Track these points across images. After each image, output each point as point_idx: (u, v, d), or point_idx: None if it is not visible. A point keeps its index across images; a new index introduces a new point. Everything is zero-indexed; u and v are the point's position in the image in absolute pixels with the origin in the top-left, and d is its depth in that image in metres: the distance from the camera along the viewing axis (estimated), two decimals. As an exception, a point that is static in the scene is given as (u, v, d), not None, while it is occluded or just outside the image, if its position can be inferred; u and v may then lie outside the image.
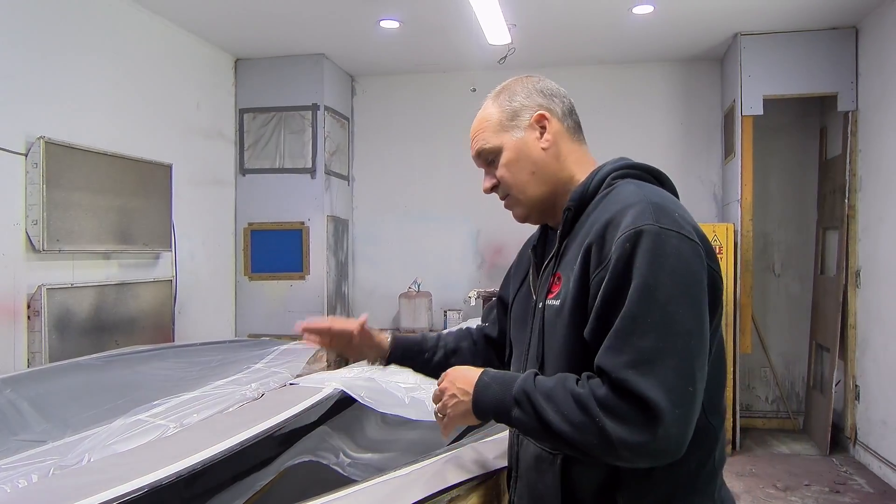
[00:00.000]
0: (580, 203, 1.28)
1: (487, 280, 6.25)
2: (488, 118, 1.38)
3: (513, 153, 1.35)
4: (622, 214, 1.15)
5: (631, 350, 1.06)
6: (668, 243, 1.10)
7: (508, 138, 1.36)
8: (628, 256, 1.10)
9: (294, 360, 3.14)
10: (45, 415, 2.30)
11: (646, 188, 1.23)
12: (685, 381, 1.05)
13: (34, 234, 3.66)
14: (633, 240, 1.11)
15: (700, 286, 1.11)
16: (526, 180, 1.35)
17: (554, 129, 1.34)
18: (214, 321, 5.56)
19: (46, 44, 3.85)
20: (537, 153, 1.34)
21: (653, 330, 1.06)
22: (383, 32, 5.21)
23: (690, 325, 1.07)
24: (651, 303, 1.07)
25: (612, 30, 5.19)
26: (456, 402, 1.27)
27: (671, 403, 1.03)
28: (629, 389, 1.04)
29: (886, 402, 4.53)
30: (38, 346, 3.66)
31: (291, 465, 2.13)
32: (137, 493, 1.54)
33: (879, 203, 4.66)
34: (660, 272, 1.08)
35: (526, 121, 1.35)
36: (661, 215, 1.13)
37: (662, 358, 1.05)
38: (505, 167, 1.36)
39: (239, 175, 5.89)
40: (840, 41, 5.08)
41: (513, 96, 1.37)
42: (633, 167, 1.30)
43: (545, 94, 1.37)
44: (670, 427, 1.03)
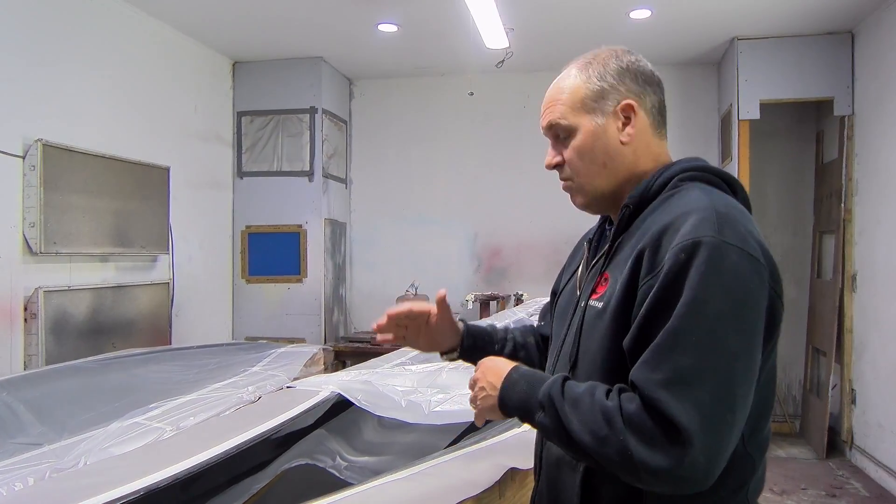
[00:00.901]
0: (640, 202, 1.19)
1: (485, 283, 6.26)
2: (570, 89, 1.24)
3: (588, 139, 1.22)
4: (682, 221, 1.06)
5: (668, 368, 0.99)
6: (727, 258, 1.01)
7: (588, 121, 1.23)
8: (681, 268, 1.02)
9: (291, 363, 3.14)
10: (42, 418, 2.29)
11: (714, 195, 1.13)
12: (723, 407, 0.97)
13: (31, 237, 3.65)
14: (689, 251, 1.02)
15: (755, 309, 1.03)
16: (596, 171, 1.23)
17: (640, 122, 1.23)
18: (212, 324, 5.56)
19: (44, 46, 3.85)
20: (615, 145, 1.22)
21: (695, 349, 0.98)
22: (381, 36, 5.22)
23: (737, 349, 0.99)
24: (698, 320, 0.99)
25: (609, 34, 5.20)
26: (485, 395, 1.21)
27: (703, 430, 0.95)
28: (660, 409, 0.97)
29: (883, 406, 4.54)
30: (35, 349, 3.66)
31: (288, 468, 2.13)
32: (134, 496, 1.54)
33: (876, 207, 4.67)
34: (713, 288, 1.00)
35: (611, 106, 1.22)
36: (725, 227, 1.04)
37: (701, 380, 0.97)
38: (576, 151, 1.24)
39: (236, 178, 5.89)
40: (836, 46, 5.10)
41: (604, 73, 1.23)
42: (705, 170, 1.20)
43: (639, 80, 1.24)
44: (698, 455, 0.95)
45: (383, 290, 6.34)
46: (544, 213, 6.08)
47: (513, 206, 6.20)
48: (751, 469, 1.12)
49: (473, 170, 6.29)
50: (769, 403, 1.14)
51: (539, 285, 6.00)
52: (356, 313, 6.49)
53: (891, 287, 4.43)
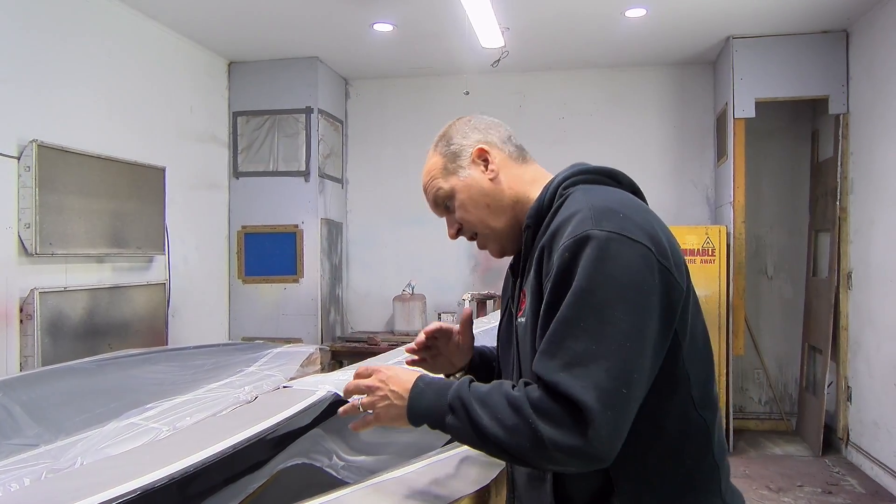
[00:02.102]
0: (537, 219, 1.27)
1: (481, 283, 6.26)
2: (434, 166, 1.40)
3: (464, 192, 1.36)
4: (566, 224, 1.14)
5: (563, 353, 1.06)
6: (608, 247, 1.08)
7: (456, 180, 1.37)
8: (567, 264, 1.09)
9: (287, 362, 3.14)
10: (38, 418, 2.29)
11: (593, 192, 1.21)
12: (618, 383, 1.03)
13: (27, 238, 3.65)
14: (572, 248, 1.10)
15: (642, 289, 1.08)
16: (485, 215, 1.36)
17: (496, 158, 1.36)
18: (208, 324, 5.55)
19: (39, 46, 3.84)
20: (487, 185, 1.35)
21: (585, 333, 1.05)
22: (377, 36, 5.22)
23: (627, 328, 1.05)
24: (585, 307, 1.06)
25: (604, 33, 5.21)
26: (388, 404, 1.26)
27: (602, 405, 1.02)
28: (561, 392, 1.04)
29: (878, 404, 4.56)
30: (31, 350, 3.65)
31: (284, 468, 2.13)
32: (130, 496, 1.53)
33: (871, 205, 4.68)
34: (596, 276, 1.07)
35: (468, 158, 1.36)
36: (602, 219, 1.11)
37: (595, 360, 1.04)
38: (461, 208, 1.37)
39: (232, 178, 5.89)
40: (831, 45, 5.12)
41: (450, 140, 1.39)
42: (583, 172, 1.28)
43: (479, 129, 1.39)
44: (601, 429, 1.01)
45: (380, 290, 6.35)
46: (540, 213, 6.07)
47: (509, 205, 6.19)
48: (707, 432, 1.18)
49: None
50: (708, 368, 1.21)
51: (535, 284, 6.01)
52: (353, 313, 6.49)
53: (886, 285, 4.44)
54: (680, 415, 1.16)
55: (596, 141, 6.02)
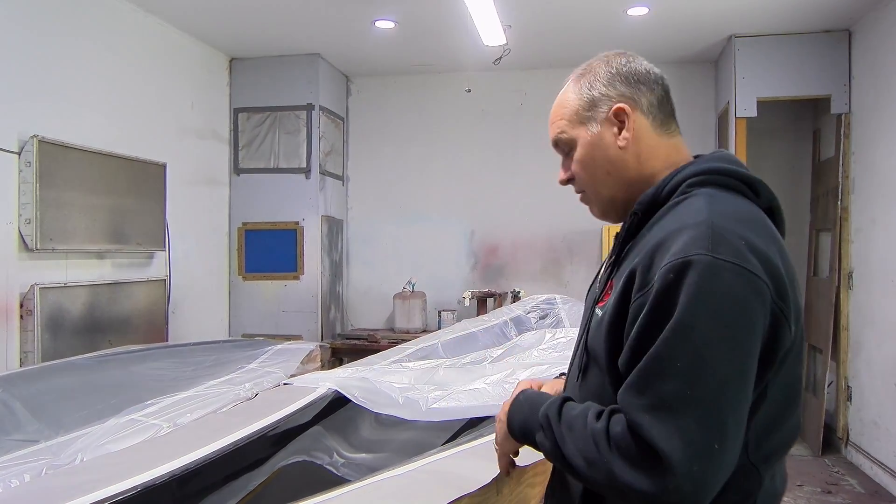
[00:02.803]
0: (649, 207, 1.15)
1: (482, 281, 6.26)
2: (565, 104, 1.26)
3: (587, 150, 1.22)
4: (675, 237, 1.02)
5: (652, 393, 0.96)
6: (719, 277, 0.96)
7: (584, 132, 1.22)
8: (669, 289, 0.98)
9: (288, 360, 3.14)
10: (38, 414, 2.29)
11: (719, 203, 1.07)
12: (710, 435, 0.94)
13: (27, 233, 3.64)
14: (677, 270, 0.98)
15: (749, 329, 0.97)
16: (601, 180, 1.23)
17: (636, 124, 1.20)
18: (208, 321, 5.55)
19: (40, 42, 3.83)
20: (614, 152, 1.20)
21: (679, 375, 0.95)
22: (379, 33, 5.21)
23: (727, 375, 0.95)
24: (683, 344, 0.96)
25: (606, 31, 5.20)
26: (500, 426, 1.24)
27: (687, 458, 0.92)
28: (642, 434, 0.95)
29: (878, 404, 4.56)
30: (31, 346, 3.65)
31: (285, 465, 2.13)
32: (130, 492, 1.53)
33: (872, 205, 4.68)
34: (701, 311, 0.95)
35: (604, 113, 1.21)
36: (719, 243, 0.99)
37: (686, 407, 0.94)
38: (579, 163, 1.24)
39: (233, 175, 5.88)
40: (833, 44, 5.11)
41: (593, 82, 1.23)
42: (717, 172, 1.13)
43: (631, 81, 1.22)
44: (683, 484, 0.92)
45: (380, 288, 6.35)
46: (541, 211, 6.08)
47: (509, 203, 6.20)
48: (756, 482, 1.08)
49: (470, 167, 6.29)
50: (779, 419, 1.09)
51: (535, 283, 6.01)
52: (353, 310, 6.49)
53: (886, 285, 4.44)
54: None
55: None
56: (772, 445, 1.09)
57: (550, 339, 2.96)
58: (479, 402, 2.22)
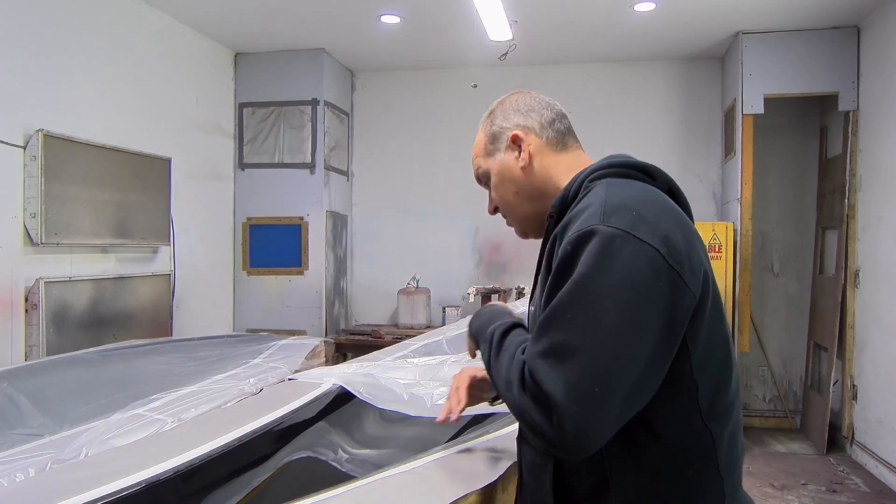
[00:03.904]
0: (560, 209, 1.26)
1: (486, 277, 6.25)
2: (478, 143, 1.44)
3: (497, 176, 1.39)
4: (577, 217, 1.13)
5: (545, 341, 1.06)
6: (611, 243, 1.06)
7: (493, 161, 1.40)
8: (569, 257, 1.09)
9: (292, 355, 3.13)
10: (43, 409, 2.29)
11: (615, 186, 1.17)
12: (592, 381, 1.01)
13: (32, 228, 3.64)
14: (574, 242, 1.09)
15: (641, 291, 1.05)
16: (512, 201, 1.39)
17: (531, 145, 1.36)
18: (212, 316, 5.55)
19: (45, 36, 3.83)
20: (517, 173, 1.37)
21: (570, 325, 1.04)
22: (384, 28, 5.19)
23: (614, 327, 1.03)
24: (576, 300, 1.05)
25: (613, 27, 5.18)
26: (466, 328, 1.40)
27: (569, 401, 1.00)
28: (535, 377, 1.05)
29: (884, 402, 4.54)
30: (36, 340, 3.65)
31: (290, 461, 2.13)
32: (135, 488, 1.53)
33: (879, 203, 4.65)
34: (593, 271, 1.05)
35: (504, 142, 1.38)
36: (611, 215, 1.09)
37: (572, 354, 1.03)
38: (494, 189, 1.41)
39: (238, 169, 5.88)
40: (841, 40, 5.08)
41: (493, 119, 1.42)
42: (613, 165, 1.25)
43: (522, 112, 1.40)
44: (566, 424, 1.00)
45: (384, 283, 6.34)
46: (546, 207, 6.06)
47: (515, 199, 6.18)
48: (711, 443, 1.14)
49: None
50: (724, 378, 1.17)
51: (540, 279, 6.00)
52: (357, 306, 6.49)
53: (893, 283, 4.41)
54: (680, 422, 1.12)
55: (602, 135, 5.98)
56: (722, 405, 1.16)
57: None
58: (484, 398, 2.21)
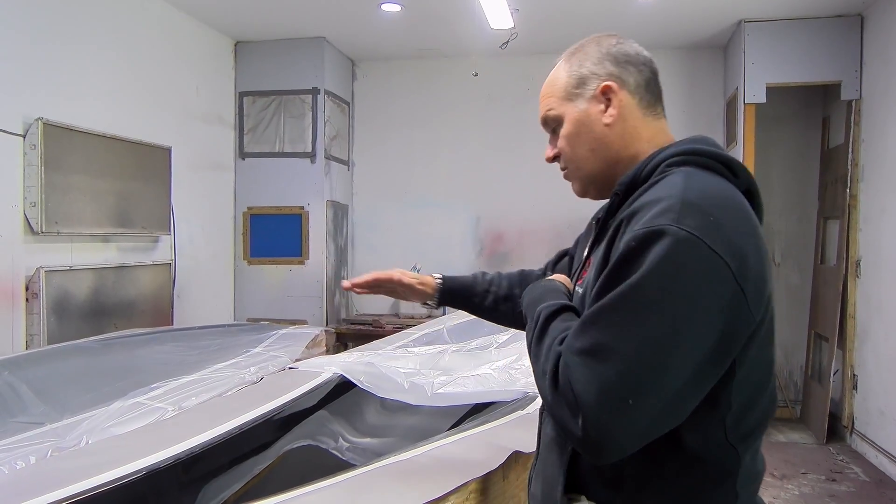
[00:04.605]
0: (629, 187, 1.16)
1: (487, 267, 6.23)
2: (555, 82, 1.28)
3: (573, 126, 1.24)
4: (649, 207, 1.04)
5: (586, 338, 0.99)
6: (680, 249, 0.97)
7: (571, 108, 1.25)
8: (631, 254, 1.00)
9: (293, 344, 3.14)
10: (44, 397, 2.29)
11: (695, 180, 1.08)
12: (625, 389, 0.95)
13: (32, 217, 3.64)
14: (641, 239, 1.00)
15: (699, 304, 0.98)
16: (584, 157, 1.24)
17: (622, 102, 1.21)
18: (213, 305, 5.56)
19: (45, 24, 3.81)
20: (599, 128, 1.22)
21: (614, 327, 0.98)
22: (385, 16, 5.17)
23: (660, 338, 0.96)
24: (627, 302, 0.98)
25: (615, 16, 5.15)
26: None
27: (598, 406, 0.95)
28: (567, 374, 1.00)
29: (884, 392, 4.54)
30: (37, 329, 3.65)
31: (290, 450, 2.13)
32: (135, 475, 1.53)
33: (881, 193, 4.64)
34: (652, 275, 0.97)
35: (591, 91, 1.23)
36: (687, 216, 0.99)
37: (610, 358, 0.97)
38: (565, 139, 1.26)
39: (238, 159, 5.87)
40: (845, 29, 5.04)
41: (583, 61, 1.25)
42: (696, 153, 1.14)
43: (619, 61, 1.23)
44: (591, 429, 0.96)
45: (385, 273, 6.32)
46: (547, 198, 6.05)
47: (515, 190, 6.18)
48: (735, 460, 1.09)
49: (476, 153, 6.25)
50: (754, 400, 1.11)
51: (541, 269, 5.99)
52: (358, 296, 6.47)
53: (895, 274, 4.41)
54: (708, 437, 1.07)
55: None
56: (749, 425, 1.10)
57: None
58: (484, 387, 2.22)
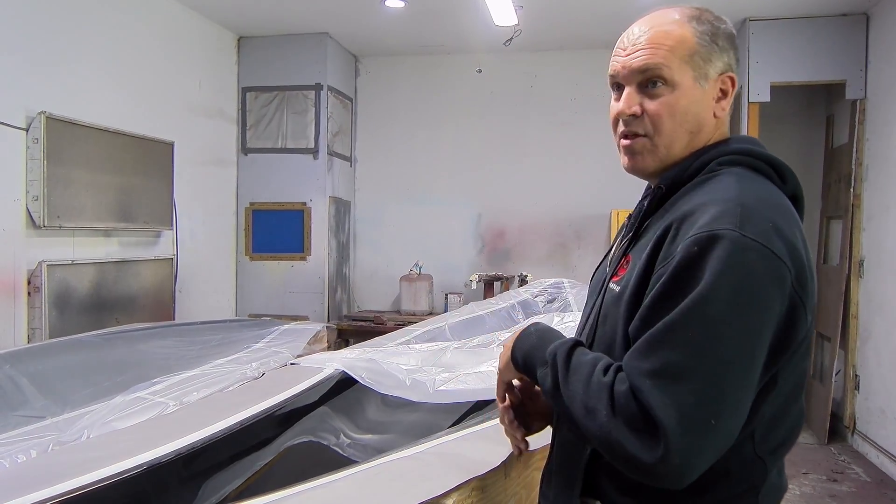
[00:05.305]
0: (674, 183, 1.11)
1: (488, 264, 6.24)
2: (679, 38, 1.11)
3: (687, 102, 1.10)
4: (703, 211, 0.99)
5: (657, 359, 0.94)
6: (744, 255, 0.94)
7: (690, 80, 1.10)
8: (691, 260, 0.95)
9: (295, 340, 3.13)
10: (45, 391, 2.29)
11: (749, 183, 1.05)
12: (707, 410, 0.91)
13: (35, 210, 3.64)
14: (703, 244, 0.95)
15: (764, 314, 0.95)
16: (679, 137, 1.11)
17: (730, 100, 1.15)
18: (215, 300, 5.56)
19: (48, 18, 3.80)
20: (705, 116, 1.12)
21: (687, 346, 0.93)
22: (388, 12, 5.15)
23: (735, 353, 0.93)
24: (698, 317, 0.93)
25: (619, 14, 5.12)
26: (503, 352, 1.22)
27: (681, 430, 0.90)
28: (641, 399, 0.93)
29: (886, 392, 4.53)
30: (39, 323, 3.65)
31: (291, 446, 2.13)
32: (136, 470, 1.53)
33: (885, 193, 4.62)
34: (722, 285, 0.93)
35: (715, 73, 1.12)
36: (746, 221, 0.96)
37: (687, 378, 0.92)
38: (668, 108, 1.10)
39: (241, 154, 5.86)
40: (850, 28, 5.02)
41: (716, 34, 1.12)
42: (748, 154, 1.10)
43: (737, 56, 1.15)
44: (673, 455, 0.90)
45: (387, 269, 6.34)
46: (549, 195, 6.05)
47: (517, 187, 6.17)
48: (761, 473, 1.06)
49: (479, 149, 6.24)
50: (785, 410, 1.07)
51: (543, 267, 5.99)
52: (359, 292, 6.48)
53: (898, 273, 4.40)
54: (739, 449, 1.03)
55: (607, 124, 5.90)
56: (778, 437, 1.08)
57: (559, 322, 2.94)
58: (486, 384, 2.21)
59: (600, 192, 5.82)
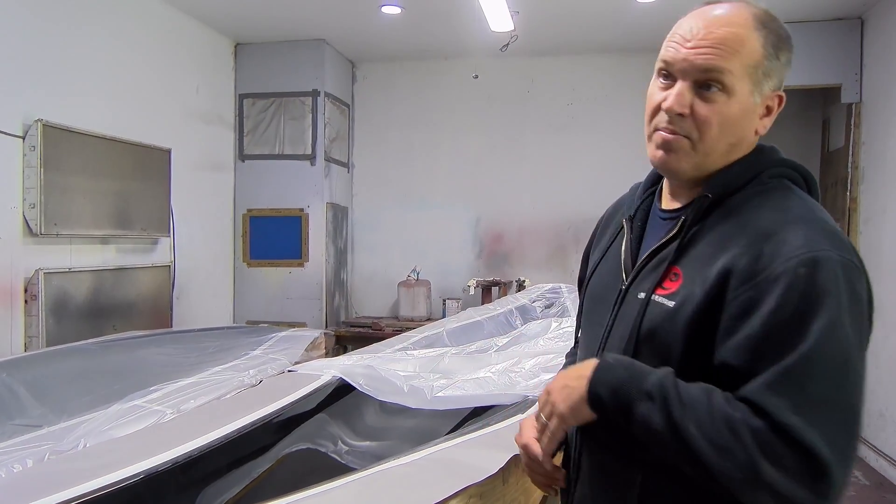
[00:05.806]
0: (723, 193, 1.07)
1: (486, 269, 6.23)
2: (749, 47, 1.06)
3: (739, 111, 1.05)
4: (788, 230, 0.97)
5: (798, 394, 0.89)
6: (852, 277, 0.95)
7: (746, 90, 1.05)
8: (802, 284, 0.92)
9: (292, 346, 3.13)
10: (42, 399, 2.28)
11: (807, 199, 1.06)
12: (850, 438, 0.90)
13: (31, 218, 3.63)
14: (810, 266, 0.93)
15: (868, 333, 0.97)
16: (721, 146, 1.07)
17: (773, 118, 1.11)
18: (213, 307, 5.55)
19: (45, 25, 3.80)
20: (750, 131, 1.08)
21: (829, 376, 0.90)
22: (385, 18, 5.16)
23: (861, 377, 0.93)
24: (833, 344, 0.91)
25: (615, 18, 5.14)
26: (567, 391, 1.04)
27: (839, 465, 0.88)
28: (795, 437, 0.88)
29: (885, 395, 4.53)
30: (35, 330, 3.64)
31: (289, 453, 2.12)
32: (133, 479, 1.53)
33: (882, 195, 4.63)
34: (844, 311, 0.92)
35: (770, 90, 1.08)
36: (839, 241, 0.97)
37: (832, 410, 0.90)
38: (719, 115, 1.05)
39: (238, 161, 5.86)
40: (845, 32, 5.04)
41: (780, 46, 1.09)
42: (788, 165, 1.10)
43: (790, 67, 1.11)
44: (835, 491, 0.88)
45: (385, 275, 6.33)
46: (547, 199, 6.06)
47: (515, 191, 6.17)
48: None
49: (476, 154, 6.25)
50: None
51: (541, 271, 5.99)
52: (357, 298, 6.48)
53: (895, 276, 4.40)
54: None
55: (603, 127, 5.96)
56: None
57: (556, 328, 2.94)
58: (484, 390, 2.21)
59: (598, 194, 5.80)
